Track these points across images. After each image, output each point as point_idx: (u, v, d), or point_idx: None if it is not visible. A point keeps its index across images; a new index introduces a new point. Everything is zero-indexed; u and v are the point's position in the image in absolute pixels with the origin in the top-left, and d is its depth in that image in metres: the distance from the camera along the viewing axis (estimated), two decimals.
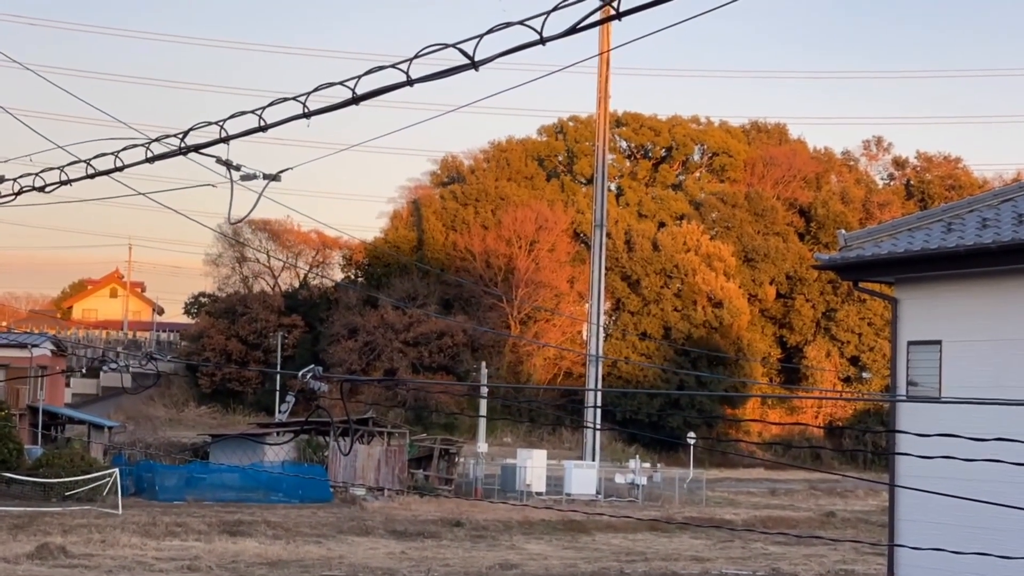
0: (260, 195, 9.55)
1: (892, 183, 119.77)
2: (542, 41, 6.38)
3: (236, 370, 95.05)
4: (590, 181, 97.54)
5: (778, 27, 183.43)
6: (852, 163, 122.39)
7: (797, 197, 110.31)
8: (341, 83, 7.61)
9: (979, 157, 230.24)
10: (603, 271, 76.42)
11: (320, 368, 10.87)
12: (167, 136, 9.51)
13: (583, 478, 63.60)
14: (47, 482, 52.08)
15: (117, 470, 53.22)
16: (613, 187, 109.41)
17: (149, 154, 9.57)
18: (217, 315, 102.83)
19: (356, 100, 7.56)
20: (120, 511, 48.57)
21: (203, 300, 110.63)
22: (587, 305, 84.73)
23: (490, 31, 6.62)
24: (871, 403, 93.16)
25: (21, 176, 11.30)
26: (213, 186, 10.74)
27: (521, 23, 6.43)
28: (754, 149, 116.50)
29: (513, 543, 46.71)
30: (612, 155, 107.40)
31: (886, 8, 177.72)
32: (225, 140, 8.93)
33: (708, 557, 44.33)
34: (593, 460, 69.36)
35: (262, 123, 8.37)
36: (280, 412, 79.80)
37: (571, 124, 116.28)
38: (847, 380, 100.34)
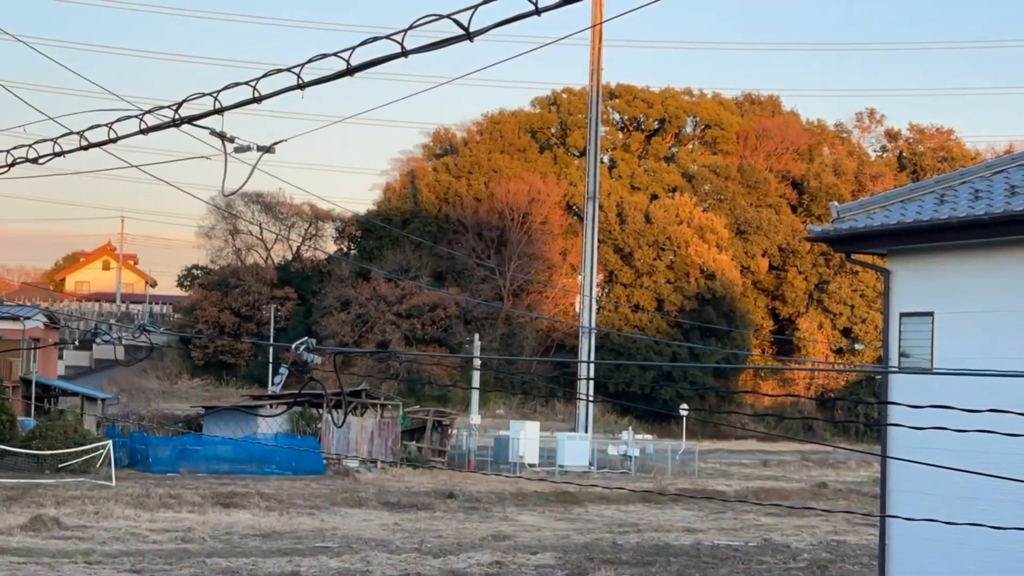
0: (254, 167, 9.54)
1: (885, 155, 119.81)
2: (537, 12, 6.38)
3: (229, 342, 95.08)
4: (583, 153, 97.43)
5: None
6: (845, 135, 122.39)
7: (790, 169, 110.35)
8: (335, 54, 7.59)
9: (971, 129, 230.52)
10: (596, 243, 76.43)
11: (313, 340, 10.88)
12: (160, 107, 9.49)
13: (576, 450, 63.76)
14: (40, 454, 52.14)
15: (110, 442, 53.29)
16: (606, 159, 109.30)
17: (142, 126, 9.54)
18: (210, 287, 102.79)
19: (351, 71, 7.55)
20: (113, 483, 48.64)
21: (196, 272, 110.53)
22: (580, 277, 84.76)
23: (485, 1, 6.61)
24: (863, 374, 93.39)
25: (14, 148, 11.29)
26: (207, 158, 10.74)
27: None
28: (747, 121, 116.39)
29: (506, 514, 46.86)
30: (605, 127, 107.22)
31: None
32: (219, 111, 8.91)
33: (700, 528, 44.51)
34: (586, 432, 69.49)
35: (256, 94, 8.35)
36: (273, 384, 79.82)
37: (564, 96, 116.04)
38: (839, 352, 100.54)
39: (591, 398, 72.24)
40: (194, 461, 56.10)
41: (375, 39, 7.31)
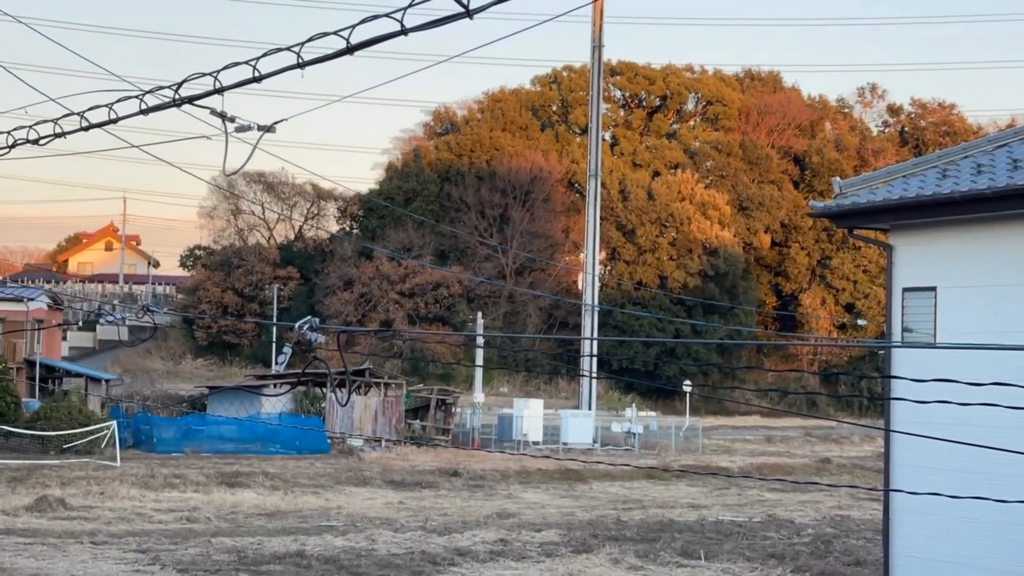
0: (255, 146, 9.54)
1: (887, 130, 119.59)
2: None
3: (232, 322, 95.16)
4: (585, 131, 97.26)
5: None
6: (846, 110, 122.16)
7: (791, 145, 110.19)
8: (335, 33, 7.59)
9: (973, 103, 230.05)
10: (598, 221, 76.34)
11: (317, 319, 10.90)
12: (161, 88, 9.49)
13: (580, 427, 63.79)
14: (45, 435, 52.21)
15: (115, 422, 53.36)
16: (608, 136, 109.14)
17: (143, 106, 9.55)
18: (213, 268, 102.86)
19: (350, 50, 7.54)
20: (118, 463, 48.74)
21: (198, 253, 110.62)
22: (582, 255, 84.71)
23: None
24: (866, 350, 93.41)
25: (15, 129, 11.29)
26: (208, 138, 10.74)
27: None
28: (748, 97, 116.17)
29: (510, 492, 46.94)
30: (607, 104, 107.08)
31: None
32: (220, 91, 8.91)
33: (704, 504, 44.58)
34: (590, 409, 69.51)
35: (256, 74, 8.35)
36: (277, 364, 79.91)
37: (565, 74, 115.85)
38: (842, 327, 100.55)
39: (594, 375, 72.26)
40: (198, 441, 56.18)
41: (375, 17, 7.30)
